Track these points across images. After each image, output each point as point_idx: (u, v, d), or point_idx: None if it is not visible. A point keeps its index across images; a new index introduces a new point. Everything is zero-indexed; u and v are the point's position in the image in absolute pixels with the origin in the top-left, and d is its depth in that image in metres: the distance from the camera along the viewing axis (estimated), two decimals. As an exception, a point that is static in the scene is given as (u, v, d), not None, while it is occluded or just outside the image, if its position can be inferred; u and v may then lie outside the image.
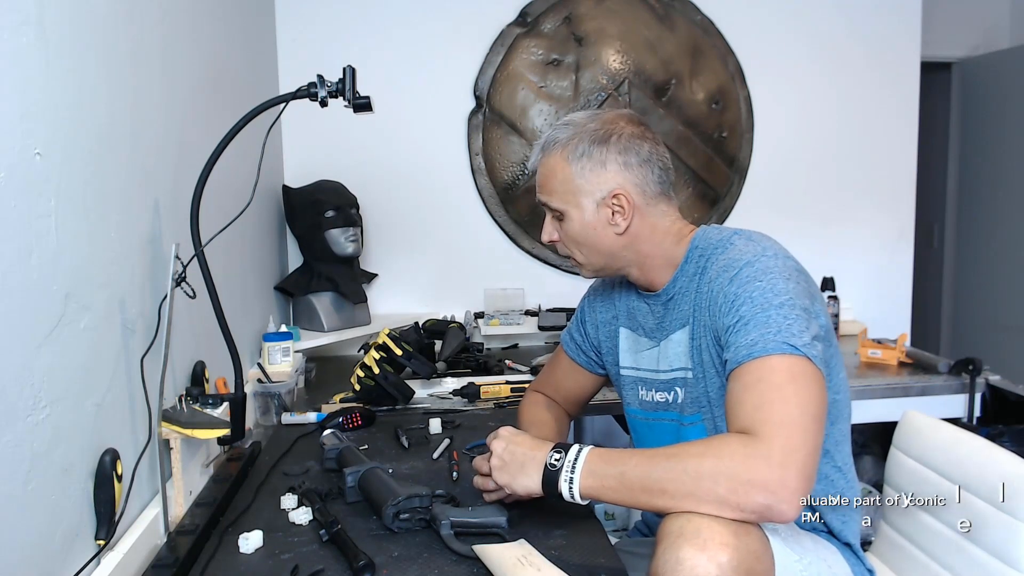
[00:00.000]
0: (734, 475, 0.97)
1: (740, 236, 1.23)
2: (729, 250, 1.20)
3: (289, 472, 1.44)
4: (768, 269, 1.13)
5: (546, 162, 1.27)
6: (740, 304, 1.12)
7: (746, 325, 1.10)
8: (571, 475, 1.07)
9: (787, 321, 1.08)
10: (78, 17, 1.05)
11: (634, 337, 1.37)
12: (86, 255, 1.04)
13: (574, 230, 1.27)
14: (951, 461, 1.36)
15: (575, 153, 1.23)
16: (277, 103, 1.28)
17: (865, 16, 2.91)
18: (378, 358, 1.84)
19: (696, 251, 1.26)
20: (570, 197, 1.25)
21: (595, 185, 1.23)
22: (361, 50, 2.60)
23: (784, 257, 1.17)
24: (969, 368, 2.20)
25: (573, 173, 1.24)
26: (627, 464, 1.05)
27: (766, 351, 1.06)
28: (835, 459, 1.25)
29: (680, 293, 1.26)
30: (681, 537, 0.98)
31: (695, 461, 1.01)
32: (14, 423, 0.86)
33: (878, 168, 2.99)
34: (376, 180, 2.64)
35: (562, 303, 2.79)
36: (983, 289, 3.83)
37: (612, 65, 2.74)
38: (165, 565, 1.07)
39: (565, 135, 1.25)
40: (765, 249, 1.17)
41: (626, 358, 1.39)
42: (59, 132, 0.98)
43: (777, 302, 1.09)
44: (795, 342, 1.06)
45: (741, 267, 1.15)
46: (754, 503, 0.97)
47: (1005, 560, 1.23)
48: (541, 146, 1.28)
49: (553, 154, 1.26)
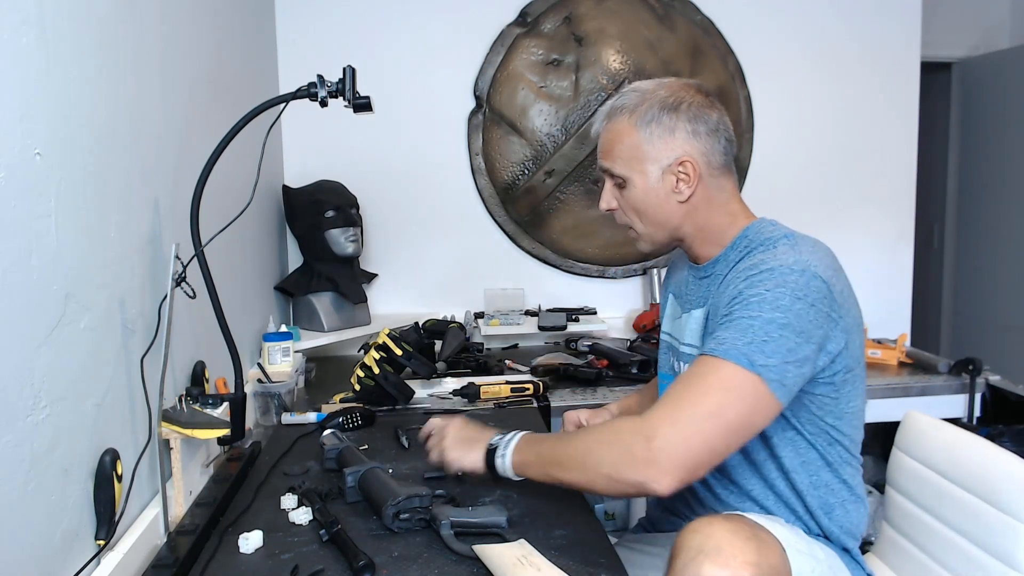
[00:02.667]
0: (616, 453, 1.07)
1: (789, 241, 1.19)
2: (769, 251, 1.18)
3: (289, 472, 1.44)
4: (784, 283, 1.10)
5: (612, 127, 1.26)
6: (737, 303, 1.12)
7: (729, 324, 1.11)
8: (504, 452, 1.22)
9: (766, 337, 1.06)
10: (78, 17, 1.05)
11: (675, 304, 1.40)
12: (86, 255, 1.04)
13: (637, 197, 1.26)
14: (952, 462, 1.36)
15: (644, 119, 1.22)
16: (277, 103, 1.28)
17: (865, 17, 2.91)
18: (378, 358, 1.84)
19: (744, 239, 1.25)
20: (635, 163, 1.24)
21: (662, 152, 1.22)
22: (361, 50, 2.60)
23: (812, 276, 1.11)
24: (969, 368, 2.20)
25: (641, 139, 1.23)
26: (544, 444, 1.21)
27: (726, 355, 1.07)
28: (840, 475, 1.23)
29: (715, 275, 1.26)
30: (702, 554, 0.98)
31: (591, 442, 1.13)
32: (14, 423, 0.86)
33: (878, 168, 2.99)
34: (376, 180, 2.64)
35: (562, 303, 2.80)
36: (983, 289, 3.83)
37: (612, 65, 2.74)
38: (165, 565, 1.07)
39: (633, 101, 1.24)
40: (798, 263, 1.12)
41: (666, 323, 1.42)
42: (59, 132, 0.98)
43: (768, 316, 1.08)
44: (756, 359, 1.05)
45: (763, 270, 1.13)
46: (629, 478, 1.06)
47: (1007, 562, 1.22)
48: (607, 112, 1.27)
49: (620, 119, 1.25)
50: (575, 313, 2.68)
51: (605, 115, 1.28)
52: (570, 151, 2.75)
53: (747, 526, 1.04)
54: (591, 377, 2.13)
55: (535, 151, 2.75)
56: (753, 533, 1.03)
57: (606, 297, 2.87)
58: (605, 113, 1.28)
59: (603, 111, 1.29)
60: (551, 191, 2.77)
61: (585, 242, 2.82)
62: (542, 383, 1.99)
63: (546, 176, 2.76)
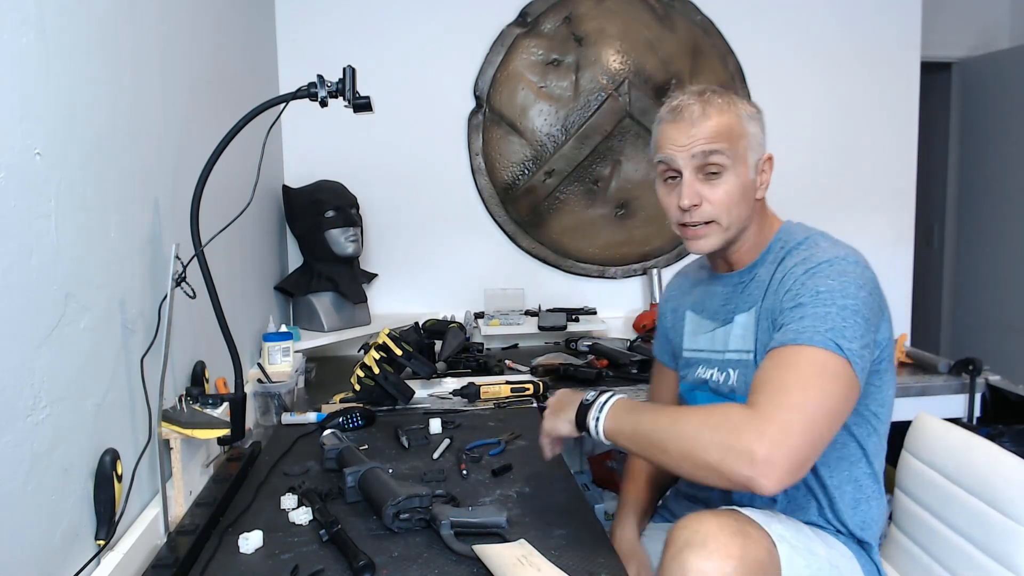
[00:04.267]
0: (726, 444, 1.01)
1: (825, 237, 1.26)
2: (812, 248, 1.23)
3: (289, 472, 1.44)
4: (845, 272, 1.15)
5: (724, 117, 1.24)
6: (805, 293, 1.14)
7: (803, 313, 1.12)
8: (598, 414, 1.16)
9: (844, 323, 1.10)
10: (78, 17, 1.05)
11: (698, 320, 1.40)
12: (86, 255, 1.04)
13: (735, 189, 1.24)
14: (958, 465, 1.35)
15: (747, 113, 1.26)
16: (277, 103, 1.28)
17: (865, 16, 2.91)
18: (378, 358, 1.84)
19: (779, 242, 1.29)
20: (742, 154, 1.25)
21: (759, 147, 1.28)
22: (361, 50, 2.60)
23: (864, 267, 1.19)
24: (969, 368, 2.20)
25: (749, 132, 1.26)
26: (642, 416, 1.13)
27: (811, 341, 1.08)
28: (873, 466, 1.27)
29: (758, 277, 1.28)
30: (688, 547, 1.01)
31: (696, 426, 1.05)
32: (14, 423, 0.86)
33: (878, 168, 2.99)
34: (376, 180, 2.64)
35: (562, 303, 2.80)
36: (983, 289, 3.83)
37: (612, 65, 2.74)
38: (165, 565, 1.07)
39: (728, 97, 1.26)
40: (848, 254, 1.19)
41: (689, 340, 1.42)
42: (59, 132, 0.98)
43: (841, 303, 1.11)
44: (842, 343, 1.08)
45: (820, 263, 1.17)
46: (738, 474, 1.00)
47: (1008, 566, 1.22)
48: (710, 102, 1.24)
49: (731, 111, 1.25)
50: (575, 313, 2.68)
51: (708, 104, 1.24)
52: (570, 151, 2.74)
53: (735, 521, 1.07)
54: (591, 377, 2.13)
55: (535, 151, 2.75)
56: (740, 528, 1.05)
57: (606, 297, 2.86)
58: (706, 102, 1.24)
59: (700, 101, 1.25)
60: (551, 191, 2.77)
61: (585, 242, 2.81)
62: (542, 383, 1.99)
63: (546, 176, 2.75)
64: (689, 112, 1.24)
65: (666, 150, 1.26)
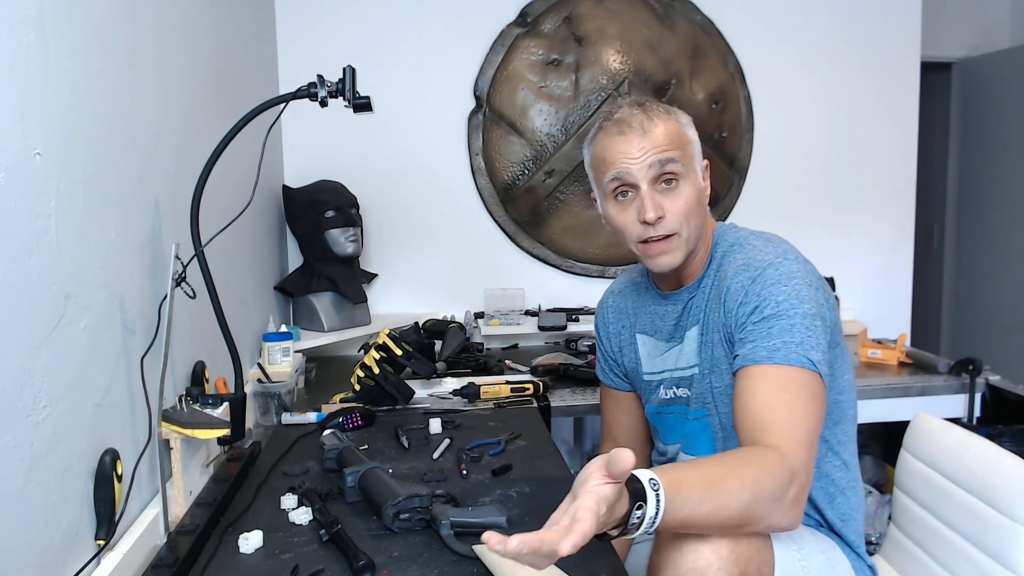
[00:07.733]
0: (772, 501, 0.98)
1: (757, 237, 1.25)
2: (748, 250, 1.22)
3: (289, 472, 1.44)
4: (792, 274, 1.15)
5: (670, 124, 1.23)
6: (764, 305, 1.13)
7: (769, 328, 1.11)
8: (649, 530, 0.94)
9: (809, 333, 1.10)
10: (78, 17, 1.05)
11: (652, 342, 1.38)
12: (86, 255, 1.04)
13: (691, 198, 1.22)
14: (957, 464, 1.36)
15: (685, 119, 1.27)
16: (277, 103, 1.28)
17: (865, 16, 2.91)
18: (378, 358, 1.84)
19: (716, 248, 1.28)
20: (691, 161, 1.25)
21: (699, 153, 1.28)
22: (361, 50, 2.60)
23: (803, 261, 1.19)
24: (969, 368, 2.20)
25: (692, 138, 1.26)
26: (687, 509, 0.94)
27: (787, 360, 1.08)
28: (841, 456, 1.27)
29: (701, 290, 1.28)
30: (683, 535, 1.01)
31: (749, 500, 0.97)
32: (14, 423, 0.86)
33: (878, 168, 2.99)
34: (376, 180, 2.64)
35: (562, 303, 2.80)
36: (983, 289, 3.83)
37: (612, 65, 2.74)
38: (165, 565, 1.07)
39: (664, 105, 1.27)
40: (786, 252, 1.18)
41: (647, 363, 1.40)
42: (59, 132, 0.98)
43: (802, 311, 1.11)
44: (813, 357, 1.08)
45: (764, 267, 1.16)
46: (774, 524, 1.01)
47: (1007, 565, 1.22)
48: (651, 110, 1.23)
49: (672, 117, 1.24)
50: (575, 313, 2.68)
51: (658, 111, 1.23)
52: (570, 151, 2.74)
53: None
54: (591, 377, 2.13)
55: (535, 151, 2.75)
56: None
57: (606, 297, 2.86)
58: (653, 110, 1.23)
59: (646, 110, 1.23)
60: (551, 191, 2.77)
61: (585, 242, 2.82)
62: (542, 383, 1.99)
63: (546, 176, 2.76)
64: (637, 122, 1.20)
65: (619, 165, 1.21)
